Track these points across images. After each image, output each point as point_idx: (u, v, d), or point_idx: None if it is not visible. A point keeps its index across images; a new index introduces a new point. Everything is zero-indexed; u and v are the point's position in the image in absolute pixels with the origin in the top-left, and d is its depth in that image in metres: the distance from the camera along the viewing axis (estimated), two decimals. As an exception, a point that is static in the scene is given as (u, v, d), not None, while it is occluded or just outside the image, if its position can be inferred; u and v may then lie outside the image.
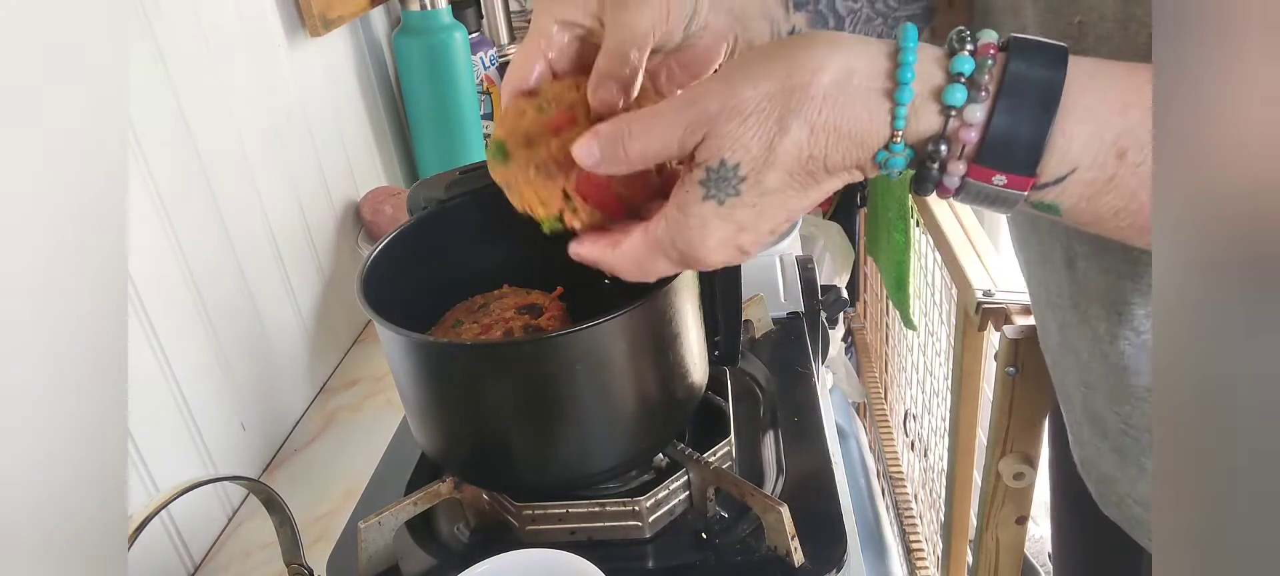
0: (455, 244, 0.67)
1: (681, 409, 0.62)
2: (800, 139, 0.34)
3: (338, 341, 1.02)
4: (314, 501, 0.78)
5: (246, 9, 0.88)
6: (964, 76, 0.32)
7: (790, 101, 0.33)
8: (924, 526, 1.48)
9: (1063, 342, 0.55)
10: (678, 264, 0.39)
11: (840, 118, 0.33)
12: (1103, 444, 0.54)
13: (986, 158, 0.33)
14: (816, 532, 0.59)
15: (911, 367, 1.49)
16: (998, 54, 0.33)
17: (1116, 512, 0.55)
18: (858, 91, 0.33)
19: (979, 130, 0.33)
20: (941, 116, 0.33)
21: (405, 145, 1.26)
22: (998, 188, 0.33)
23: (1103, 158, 0.32)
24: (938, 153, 0.33)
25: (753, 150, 0.34)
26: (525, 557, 0.53)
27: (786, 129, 0.34)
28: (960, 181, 0.34)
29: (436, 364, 0.57)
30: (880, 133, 0.33)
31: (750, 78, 0.34)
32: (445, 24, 1.16)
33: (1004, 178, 0.33)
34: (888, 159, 0.34)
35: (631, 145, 0.37)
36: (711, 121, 0.34)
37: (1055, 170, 0.33)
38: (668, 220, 0.38)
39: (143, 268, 0.70)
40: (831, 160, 0.34)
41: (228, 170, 0.82)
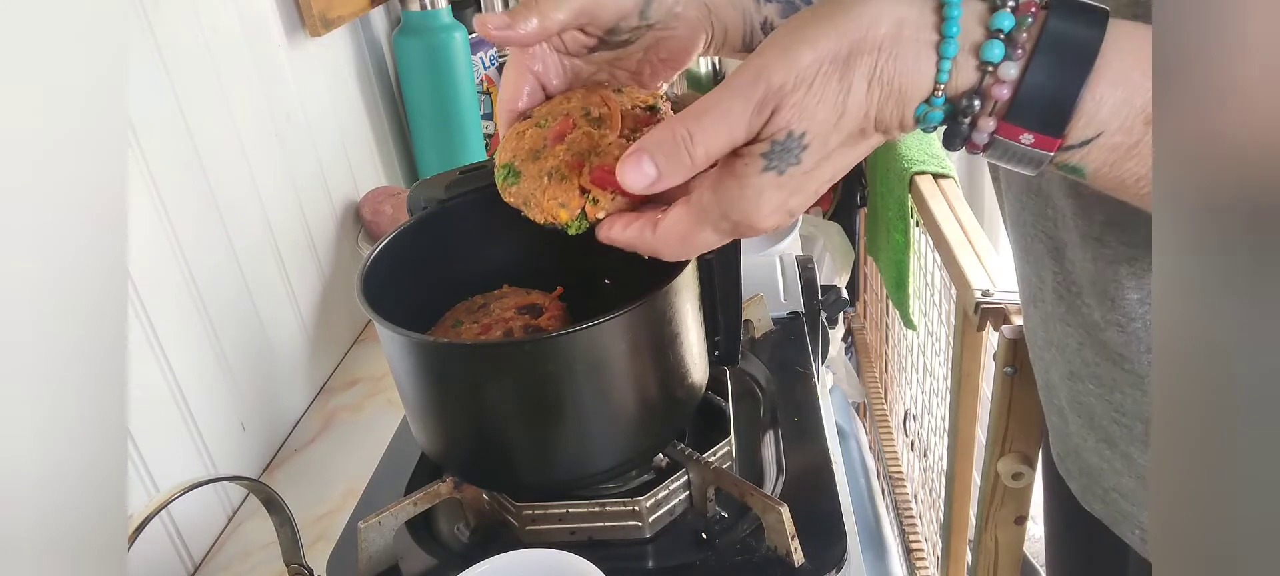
0: (455, 244, 0.67)
1: (681, 409, 0.62)
2: (861, 96, 0.34)
3: (338, 341, 1.02)
4: (314, 501, 0.78)
5: (246, 9, 0.88)
6: (1003, 33, 0.33)
7: (852, 58, 0.33)
8: (924, 526, 1.49)
9: (1047, 336, 0.55)
10: (728, 233, 0.38)
11: (895, 70, 0.33)
12: (1090, 435, 0.54)
13: (1016, 115, 0.33)
14: (816, 532, 0.59)
15: (911, 368, 1.49)
16: (1038, 11, 0.33)
17: (1101, 508, 0.55)
18: (908, 43, 0.33)
19: (1011, 88, 0.33)
20: (978, 72, 0.33)
21: (405, 145, 1.26)
22: (1025, 146, 0.34)
23: (1130, 122, 0.32)
24: (971, 107, 0.33)
25: (820, 116, 0.34)
26: (525, 557, 0.53)
27: (850, 88, 0.33)
28: (989, 137, 0.34)
29: (436, 364, 0.57)
30: (925, 86, 0.34)
31: (808, 40, 0.33)
32: (445, 24, 1.16)
33: (1031, 137, 0.33)
34: (927, 112, 0.34)
35: (696, 148, 0.35)
36: (780, 96, 0.34)
37: (1082, 132, 0.33)
38: (719, 191, 0.37)
39: (143, 268, 0.70)
40: (882, 116, 0.34)
41: (228, 170, 0.82)
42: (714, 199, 0.37)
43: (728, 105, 0.34)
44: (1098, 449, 0.53)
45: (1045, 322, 0.55)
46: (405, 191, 1.03)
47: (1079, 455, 0.56)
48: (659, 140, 0.36)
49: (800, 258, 0.95)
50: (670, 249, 0.40)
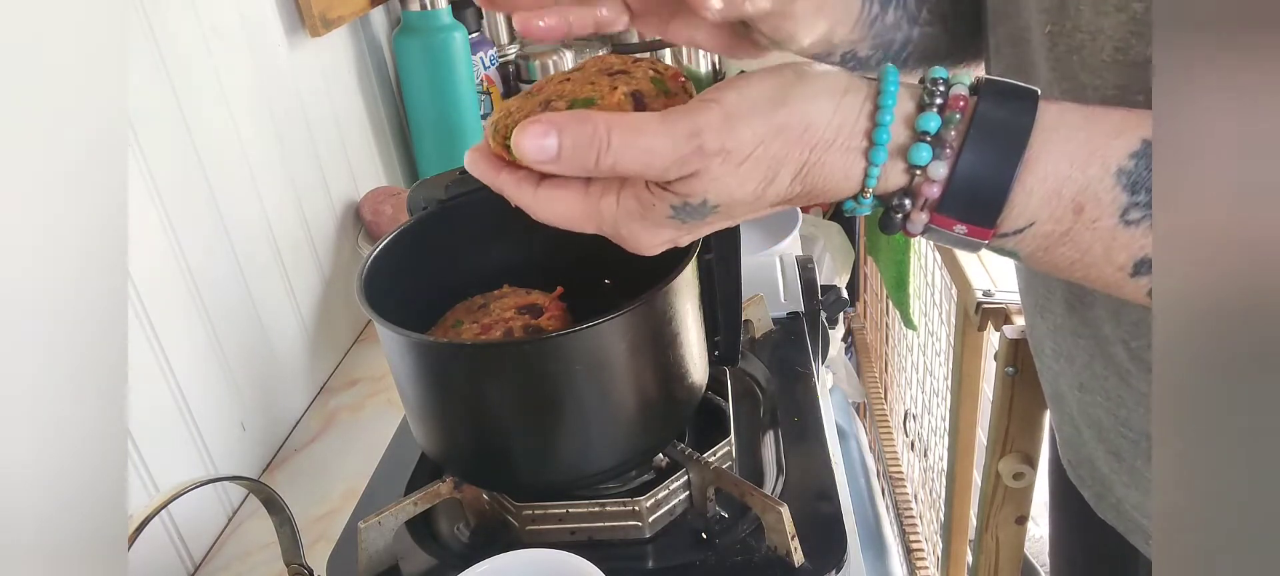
0: (455, 244, 0.67)
1: (681, 409, 0.62)
2: (782, 188, 0.35)
3: (338, 341, 1.02)
4: (314, 501, 0.78)
5: (246, 9, 0.88)
6: (929, 135, 0.33)
7: (783, 154, 0.34)
8: (924, 526, 1.49)
9: (1056, 347, 0.55)
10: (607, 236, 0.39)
11: (821, 175, 0.34)
12: (1099, 447, 0.54)
13: (948, 208, 0.34)
14: (816, 532, 0.59)
15: (911, 367, 1.49)
16: (967, 103, 0.33)
17: (1114, 516, 0.55)
18: (839, 150, 0.34)
19: (941, 185, 0.33)
20: (907, 174, 0.34)
21: (405, 145, 1.26)
22: (959, 235, 0.35)
23: (1060, 212, 0.33)
24: (902, 205, 0.34)
25: (737, 195, 0.35)
26: (525, 557, 0.53)
27: (774, 178, 0.34)
28: (924, 227, 0.35)
29: (436, 364, 0.57)
30: (851, 187, 0.35)
31: (748, 121, 0.33)
32: (445, 24, 1.16)
33: (964, 227, 0.34)
34: (855, 208, 0.36)
35: (606, 159, 0.34)
36: (705, 160, 0.33)
37: (1014, 222, 0.34)
38: (621, 210, 0.37)
39: (143, 268, 0.70)
40: (802, 203, 0.36)
41: (228, 170, 0.82)
42: (611, 208, 0.37)
43: (655, 144, 0.34)
44: (1107, 460, 0.53)
45: (1054, 333, 0.54)
46: (405, 191, 1.03)
47: (1092, 464, 0.56)
48: (577, 127, 0.34)
49: (800, 258, 0.95)
50: (541, 211, 0.38)
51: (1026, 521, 0.98)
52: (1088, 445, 0.56)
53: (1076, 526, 0.65)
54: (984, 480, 0.97)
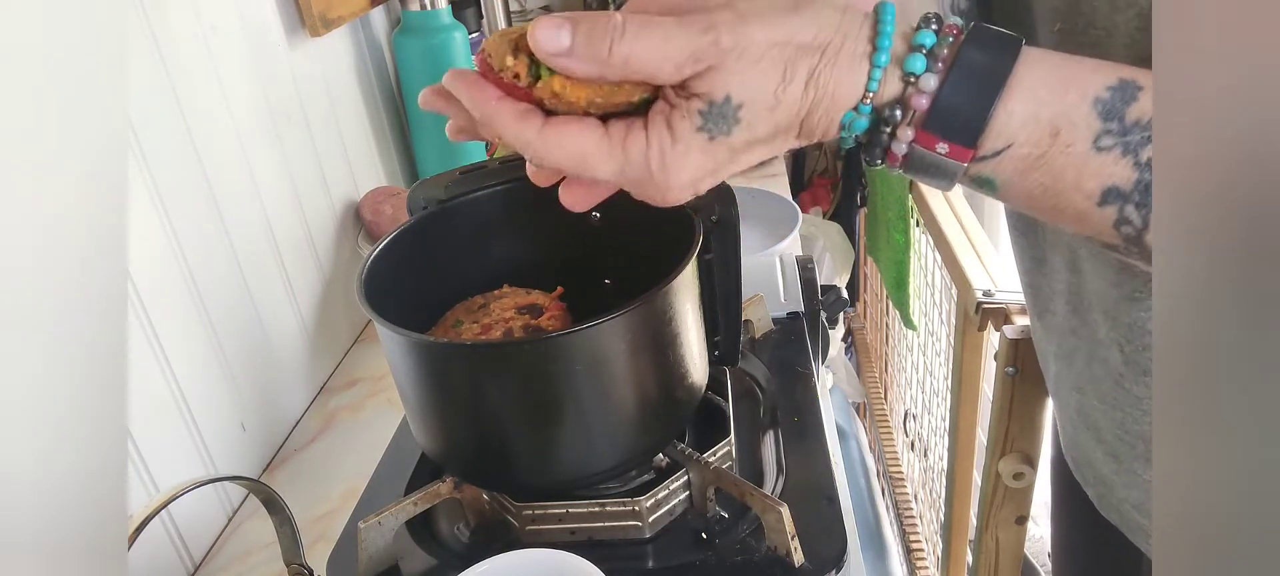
0: (455, 244, 0.67)
1: (681, 409, 0.62)
2: (797, 92, 0.35)
3: (338, 341, 1.02)
4: (314, 501, 0.78)
5: (246, 9, 0.88)
6: (924, 48, 0.34)
7: (797, 55, 0.34)
8: (924, 526, 1.49)
9: (1058, 348, 0.55)
10: (627, 182, 0.36)
11: (831, 77, 0.35)
12: (1098, 448, 0.54)
13: (933, 124, 0.35)
14: (816, 532, 0.59)
15: (911, 367, 1.49)
16: (959, 34, 0.35)
17: (1117, 517, 0.55)
18: (846, 54, 0.35)
19: (929, 99, 0.34)
20: (902, 82, 0.35)
21: (405, 145, 1.26)
22: (940, 156, 0.35)
23: (1037, 135, 0.34)
24: (893, 116, 0.35)
25: (758, 94, 0.34)
26: (525, 557, 0.53)
27: (790, 81, 0.34)
28: (907, 148, 0.36)
29: (436, 364, 0.57)
30: (855, 94, 0.35)
31: (763, 21, 0.34)
32: (445, 24, 1.16)
33: (946, 146, 0.35)
34: (853, 120, 0.35)
35: (621, 46, 0.33)
36: (721, 55, 0.34)
37: (993, 144, 0.35)
38: (651, 136, 0.35)
39: (143, 268, 0.70)
40: (810, 119, 0.35)
41: (228, 170, 0.82)
42: (640, 146, 0.35)
43: (671, 32, 0.34)
44: (1107, 461, 0.54)
45: (1057, 334, 0.54)
46: (405, 191, 1.03)
47: (1093, 465, 0.56)
48: (589, 17, 0.34)
49: (800, 258, 0.95)
50: (551, 153, 0.36)
51: (1026, 521, 0.98)
52: (1085, 447, 0.56)
53: (1079, 524, 0.65)
54: (984, 480, 0.97)
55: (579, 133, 0.36)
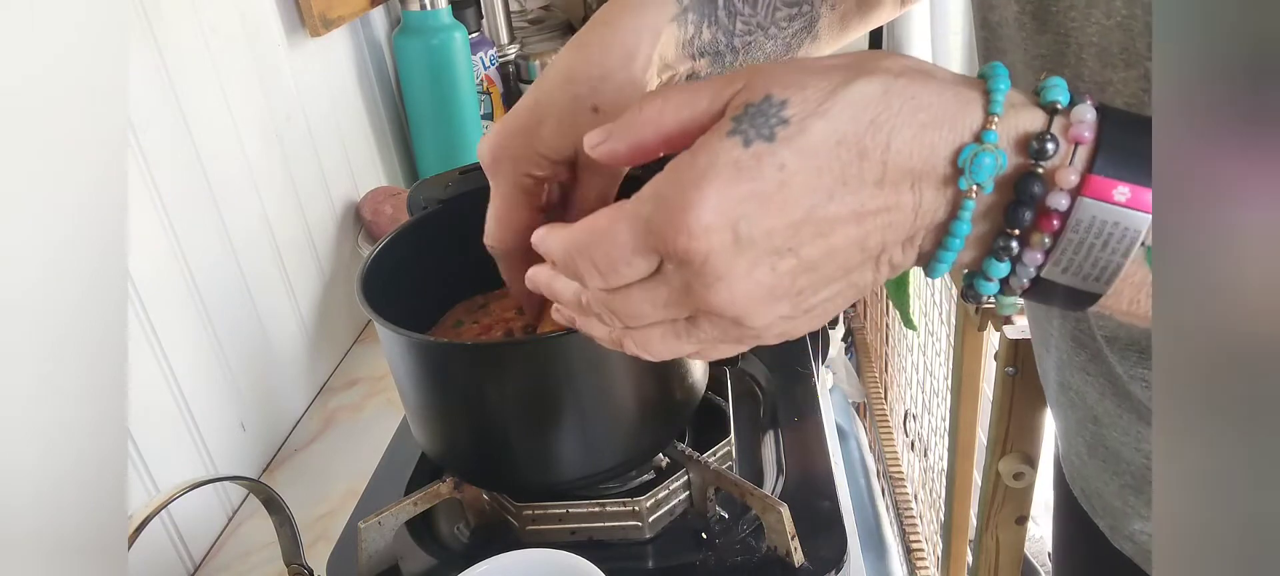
0: (455, 244, 0.67)
1: (681, 409, 0.62)
2: (870, 93, 0.26)
3: (338, 341, 1.02)
4: (314, 501, 0.78)
5: (246, 9, 0.88)
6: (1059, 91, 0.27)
7: (862, 66, 0.27)
8: (924, 526, 1.48)
9: (1062, 382, 0.54)
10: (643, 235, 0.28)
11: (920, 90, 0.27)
12: (1114, 481, 0.52)
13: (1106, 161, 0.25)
14: (816, 532, 0.59)
15: (911, 367, 1.49)
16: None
17: (1131, 547, 0.53)
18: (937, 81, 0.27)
19: (1092, 128, 0.26)
20: (1044, 114, 0.27)
21: (405, 145, 1.26)
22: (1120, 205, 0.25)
23: None
24: (1043, 151, 0.26)
25: (808, 91, 0.27)
26: (525, 557, 0.53)
27: (853, 80, 0.27)
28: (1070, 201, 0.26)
29: (436, 364, 0.57)
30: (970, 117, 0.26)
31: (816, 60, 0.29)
32: (445, 24, 1.16)
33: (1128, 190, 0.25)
34: (977, 153, 0.26)
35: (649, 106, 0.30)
36: (761, 69, 0.28)
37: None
38: (665, 171, 0.28)
39: (143, 268, 0.70)
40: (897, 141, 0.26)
41: (228, 170, 0.82)
42: (652, 185, 0.29)
43: (701, 84, 0.30)
44: (1123, 493, 0.52)
45: (1063, 369, 0.53)
46: (405, 191, 1.03)
47: (1101, 496, 0.54)
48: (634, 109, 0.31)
49: (800, 258, 0.95)
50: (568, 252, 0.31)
51: (1026, 521, 0.98)
52: (1095, 479, 0.54)
53: (1078, 523, 0.65)
54: (984, 480, 0.97)
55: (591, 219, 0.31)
